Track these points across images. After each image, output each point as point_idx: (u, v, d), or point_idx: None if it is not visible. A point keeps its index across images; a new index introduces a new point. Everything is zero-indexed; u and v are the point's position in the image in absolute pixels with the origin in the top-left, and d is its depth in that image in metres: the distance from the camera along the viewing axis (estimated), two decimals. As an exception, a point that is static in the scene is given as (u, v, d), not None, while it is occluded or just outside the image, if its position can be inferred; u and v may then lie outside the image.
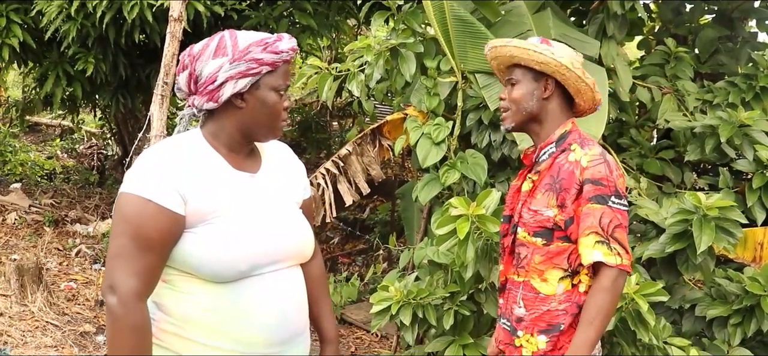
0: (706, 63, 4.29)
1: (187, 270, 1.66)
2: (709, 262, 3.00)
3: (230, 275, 1.66)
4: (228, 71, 1.67)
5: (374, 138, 4.11)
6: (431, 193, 3.39)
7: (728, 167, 3.65)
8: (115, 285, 1.59)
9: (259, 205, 1.75)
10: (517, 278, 2.16)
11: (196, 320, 1.66)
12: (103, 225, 6.84)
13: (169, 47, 3.41)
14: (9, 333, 4.30)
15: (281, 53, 1.71)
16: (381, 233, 6.78)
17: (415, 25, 3.59)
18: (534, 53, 2.06)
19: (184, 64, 1.74)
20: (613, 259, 1.96)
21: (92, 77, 6.22)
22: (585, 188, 2.00)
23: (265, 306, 1.70)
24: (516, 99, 2.12)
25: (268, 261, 1.72)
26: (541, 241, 2.08)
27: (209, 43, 1.72)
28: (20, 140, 11.31)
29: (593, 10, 3.83)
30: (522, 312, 2.12)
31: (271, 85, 1.72)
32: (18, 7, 6.09)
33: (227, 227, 1.66)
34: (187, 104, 1.76)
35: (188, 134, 1.76)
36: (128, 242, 1.59)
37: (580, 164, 2.02)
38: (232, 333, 1.67)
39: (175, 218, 1.62)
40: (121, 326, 1.58)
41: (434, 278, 3.19)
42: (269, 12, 6.14)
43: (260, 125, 1.75)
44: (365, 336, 5.01)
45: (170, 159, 1.66)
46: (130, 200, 1.62)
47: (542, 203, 2.06)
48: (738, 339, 3.07)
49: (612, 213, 1.98)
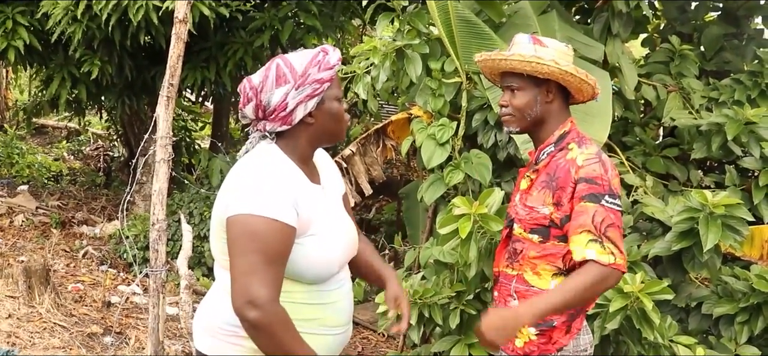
0: (711, 60, 4.27)
1: (285, 275, 1.82)
2: (715, 260, 2.99)
3: (325, 278, 1.91)
4: (296, 97, 1.85)
5: (378, 138, 4.12)
6: (436, 193, 3.39)
7: (734, 164, 3.63)
8: (254, 300, 1.71)
9: (333, 214, 1.98)
10: (510, 271, 2.19)
11: (292, 312, 1.81)
12: (110, 226, 6.87)
13: (174, 49, 3.41)
14: (17, 335, 4.33)
15: (334, 66, 1.88)
16: (387, 233, 6.79)
17: (420, 26, 3.59)
18: (538, 65, 2.07)
19: (248, 97, 1.89)
20: (607, 257, 1.96)
21: (98, 79, 6.25)
22: (578, 187, 2.01)
23: (341, 295, 1.97)
24: (520, 107, 2.13)
25: (345, 261, 2.02)
26: (537, 238, 2.11)
27: (268, 74, 1.88)
28: (27, 142, 11.37)
29: (598, 9, 3.82)
30: (515, 304, 2.14)
31: (333, 96, 1.92)
32: (24, 10, 6.12)
33: (324, 238, 1.88)
34: (256, 127, 1.93)
35: (270, 151, 1.90)
36: (260, 259, 1.73)
37: (575, 163, 2.04)
38: (320, 319, 1.91)
39: (293, 231, 1.80)
40: (274, 330, 1.74)
41: (440, 277, 3.19)
42: (274, 13, 6.16)
43: (329, 133, 1.96)
44: (372, 336, 5.02)
45: (280, 179, 1.82)
46: (256, 221, 1.75)
47: (538, 201, 2.09)
48: (745, 337, 3.06)
49: (605, 212, 1.98)
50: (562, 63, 2.08)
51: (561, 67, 2.07)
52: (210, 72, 6.36)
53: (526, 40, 2.13)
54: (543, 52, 2.09)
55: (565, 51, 2.14)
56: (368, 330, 5.06)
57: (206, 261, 5.75)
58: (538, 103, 2.11)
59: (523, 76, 2.11)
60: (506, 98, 2.17)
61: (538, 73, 2.08)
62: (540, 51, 2.09)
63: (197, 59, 6.37)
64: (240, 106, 1.94)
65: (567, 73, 2.07)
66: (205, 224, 5.87)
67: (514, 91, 2.14)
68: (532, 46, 2.11)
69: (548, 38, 2.19)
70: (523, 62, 2.08)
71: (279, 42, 6.31)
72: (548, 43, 2.13)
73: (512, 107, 2.14)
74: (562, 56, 2.11)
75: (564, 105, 2.17)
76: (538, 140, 2.18)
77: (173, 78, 3.41)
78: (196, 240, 5.61)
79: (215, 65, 6.37)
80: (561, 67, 2.06)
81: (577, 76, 2.08)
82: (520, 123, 2.16)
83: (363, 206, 8.18)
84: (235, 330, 1.83)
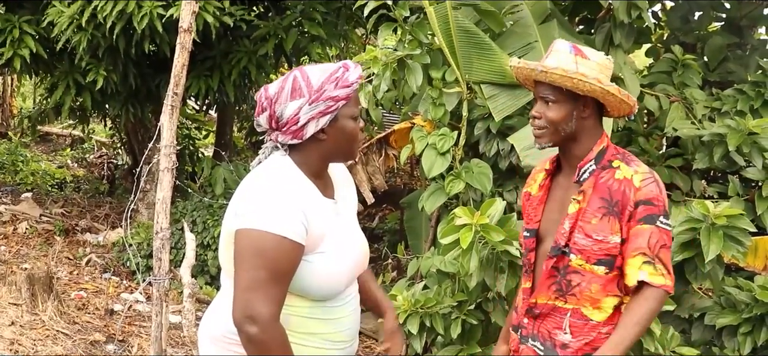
0: (714, 71, 4.27)
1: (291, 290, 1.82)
2: (717, 271, 2.98)
3: (332, 295, 1.89)
4: (308, 113, 1.82)
5: (380, 148, 4.12)
6: (437, 202, 3.40)
7: (738, 175, 3.63)
8: (255, 316, 1.71)
9: (345, 231, 1.94)
10: (562, 305, 2.06)
11: (295, 325, 1.84)
12: (113, 234, 6.88)
13: (178, 58, 3.43)
14: (20, 342, 4.33)
15: (352, 85, 1.84)
16: (390, 242, 6.78)
17: (421, 36, 3.60)
18: (581, 82, 1.95)
19: (262, 106, 1.87)
20: (659, 279, 1.93)
21: (102, 87, 6.27)
22: (638, 209, 1.95)
23: (347, 311, 1.95)
24: (554, 120, 2.01)
25: (354, 277, 2.00)
26: (603, 270, 2.00)
27: (284, 85, 1.85)
28: (31, 149, 11.41)
29: (600, 19, 3.83)
30: (567, 338, 2.05)
31: (348, 115, 1.87)
32: (30, 18, 6.15)
33: (333, 256, 1.86)
34: (269, 137, 1.91)
35: (283, 164, 1.87)
36: (265, 276, 1.72)
37: (632, 185, 1.96)
38: (325, 334, 1.90)
39: (301, 249, 1.78)
40: (270, 347, 1.74)
41: (442, 287, 3.19)
42: (278, 22, 6.18)
43: (341, 151, 1.92)
44: (374, 345, 5.01)
45: (291, 195, 1.79)
46: (265, 238, 1.73)
47: (606, 230, 1.97)
48: (748, 348, 3.04)
49: (659, 233, 1.94)
50: (604, 81, 1.98)
51: (603, 86, 1.96)
52: (214, 81, 6.38)
53: (566, 50, 2.00)
54: (586, 68, 1.97)
55: (607, 65, 2.04)
56: (370, 338, 5.05)
57: (209, 270, 5.75)
58: (573, 118, 2.00)
59: (560, 89, 1.99)
60: (540, 109, 2.04)
61: (578, 90, 1.97)
62: (582, 66, 1.97)
63: (201, 68, 6.40)
64: (255, 114, 1.92)
65: (609, 93, 1.97)
66: (208, 233, 5.87)
67: (549, 103, 2.01)
68: (574, 59, 1.98)
69: (590, 49, 2.06)
70: (565, 78, 1.96)
71: (283, 51, 6.33)
72: (591, 56, 2.01)
73: (545, 119, 2.02)
74: (604, 71, 2.01)
75: (598, 121, 2.06)
76: (570, 156, 2.07)
77: (178, 87, 3.42)
78: (199, 249, 5.62)
79: (219, 74, 6.39)
80: (603, 87, 1.96)
81: (619, 96, 1.98)
82: (552, 137, 2.03)
83: (366, 214, 8.19)
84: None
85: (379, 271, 6.23)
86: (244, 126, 10.17)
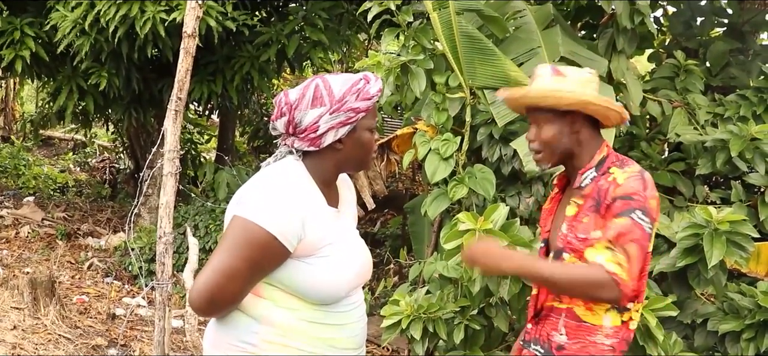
0: (717, 76, 4.28)
1: (291, 292, 1.84)
2: (720, 276, 2.98)
3: (332, 300, 1.88)
4: (328, 122, 1.83)
5: (382, 153, 4.12)
6: (440, 208, 3.39)
7: (741, 180, 3.63)
8: (219, 304, 1.78)
9: (346, 239, 1.95)
10: (559, 305, 2.09)
11: (300, 330, 1.85)
12: (115, 238, 6.89)
13: (182, 63, 3.43)
14: (22, 346, 4.34)
15: (373, 97, 1.86)
16: (392, 247, 6.78)
17: (424, 41, 3.61)
18: (556, 98, 2.01)
19: (281, 111, 1.87)
20: (614, 267, 1.88)
21: (105, 91, 6.28)
22: (615, 204, 1.95)
23: (353, 317, 1.95)
24: (547, 140, 2.07)
25: (357, 285, 1.98)
26: None
27: (305, 92, 1.85)
28: (34, 153, 11.43)
29: (603, 25, 3.83)
30: (563, 339, 2.07)
31: (366, 127, 1.90)
32: (32, 21, 6.17)
33: (332, 262, 1.85)
34: (284, 142, 1.92)
35: (294, 167, 1.88)
36: (245, 269, 1.75)
37: (616, 182, 1.98)
38: (329, 340, 1.89)
39: (287, 255, 1.79)
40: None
41: (444, 292, 3.19)
42: (281, 28, 6.19)
43: (355, 162, 1.94)
44: (376, 351, 5.00)
45: (295, 200, 1.80)
46: (257, 232, 1.74)
47: (590, 227, 2.00)
48: (751, 354, 3.04)
49: (631, 225, 1.91)
50: (580, 92, 2.01)
51: (579, 97, 2.00)
52: (216, 85, 6.40)
53: (546, 73, 2.07)
54: (561, 84, 2.02)
55: (588, 78, 2.07)
56: (372, 344, 5.05)
57: (211, 274, 5.74)
58: (564, 135, 2.05)
59: (546, 109, 2.05)
60: (533, 133, 2.10)
61: (558, 106, 2.02)
62: (558, 82, 2.03)
63: (204, 72, 6.41)
64: (272, 118, 1.92)
65: (589, 103, 2.00)
66: (210, 238, 5.88)
67: (540, 125, 2.08)
68: (552, 79, 2.04)
69: (568, 67, 2.13)
70: (541, 97, 2.03)
71: (285, 56, 6.35)
72: (567, 73, 2.06)
73: (539, 141, 2.08)
74: (584, 85, 2.04)
75: (594, 132, 2.09)
76: (573, 170, 2.11)
77: (181, 92, 3.43)
78: (202, 253, 5.62)
79: (222, 79, 6.41)
80: (579, 98, 2.00)
81: (601, 105, 2.01)
82: (550, 158, 2.10)
83: (367, 219, 8.19)
84: (245, 346, 1.83)
85: (381, 276, 6.23)
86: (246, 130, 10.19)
